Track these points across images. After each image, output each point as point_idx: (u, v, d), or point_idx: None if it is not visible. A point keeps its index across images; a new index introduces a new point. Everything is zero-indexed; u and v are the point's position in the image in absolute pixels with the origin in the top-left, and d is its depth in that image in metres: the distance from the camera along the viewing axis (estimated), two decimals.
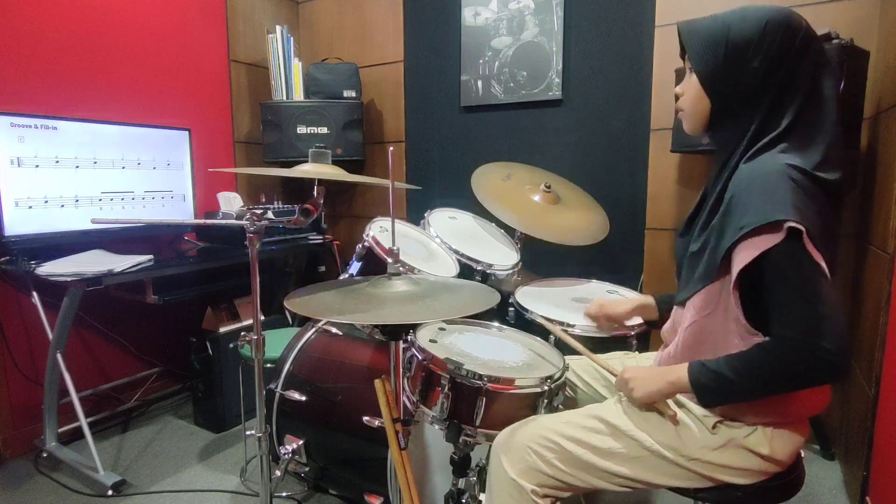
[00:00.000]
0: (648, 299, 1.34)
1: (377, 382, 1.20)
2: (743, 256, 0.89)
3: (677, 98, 1.10)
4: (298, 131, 2.75)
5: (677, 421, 1.03)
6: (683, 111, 1.09)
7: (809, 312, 0.86)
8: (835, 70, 1.00)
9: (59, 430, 2.11)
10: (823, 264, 0.87)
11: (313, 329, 1.87)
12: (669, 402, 1.06)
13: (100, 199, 2.18)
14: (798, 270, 0.87)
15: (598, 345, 1.57)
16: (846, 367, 0.86)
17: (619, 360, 1.33)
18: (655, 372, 1.05)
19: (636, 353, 1.40)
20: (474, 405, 1.14)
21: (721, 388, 0.95)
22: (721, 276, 0.96)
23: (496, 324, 1.48)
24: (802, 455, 1.09)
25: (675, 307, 1.14)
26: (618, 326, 1.46)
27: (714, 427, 1.00)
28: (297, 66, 2.82)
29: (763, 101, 0.97)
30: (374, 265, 1.72)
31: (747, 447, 0.99)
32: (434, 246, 1.95)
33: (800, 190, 0.89)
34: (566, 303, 1.80)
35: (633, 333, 1.58)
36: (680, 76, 2.04)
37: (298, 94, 2.83)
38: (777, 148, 0.95)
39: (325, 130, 2.77)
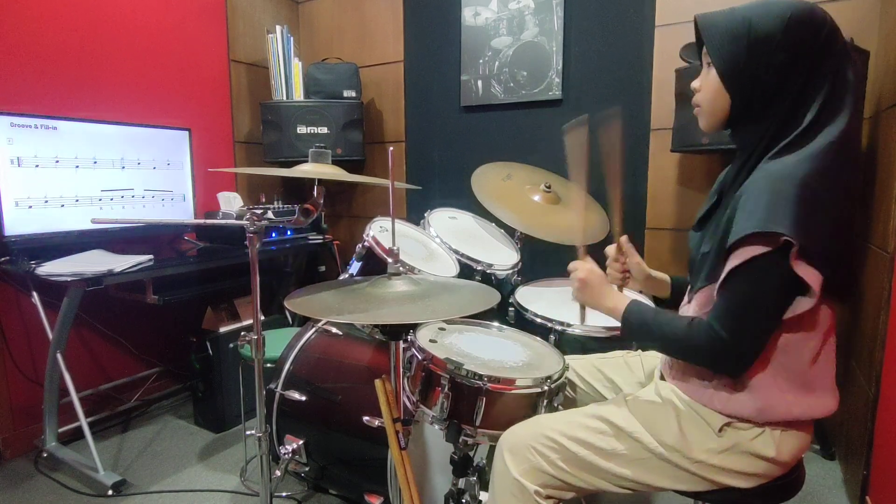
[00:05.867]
0: (665, 276, 1.31)
1: (377, 382, 1.20)
2: (734, 261, 0.90)
3: (694, 92, 1.06)
4: (298, 131, 2.75)
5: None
6: (700, 107, 1.05)
7: (746, 320, 0.91)
8: (855, 62, 0.97)
9: (59, 430, 2.11)
10: (807, 276, 0.86)
11: (313, 329, 1.87)
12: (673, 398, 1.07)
13: (100, 199, 2.18)
14: (763, 283, 0.89)
15: (599, 344, 1.57)
16: (740, 372, 0.96)
17: (621, 358, 1.33)
18: (601, 291, 1.15)
19: (638, 351, 1.39)
20: (474, 405, 1.14)
21: (640, 333, 1.07)
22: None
23: (496, 324, 1.48)
24: (803, 455, 1.08)
25: (683, 304, 1.14)
26: (624, 272, 1.35)
27: (721, 430, 1.00)
28: (297, 66, 2.82)
29: (785, 99, 0.95)
30: (374, 265, 1.72)
31: (753, 450, 0.99)
32: (434, 246, 1.95)
33: (811, 197, 0.86)
34: (566, 303, 1.80)
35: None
36: (680, 77, 2.05)
37: (298, 94, 2.82)
38: (800, 151, 0.91)
39: (325, 130, 2.77)
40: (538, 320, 1.65)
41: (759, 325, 0.92)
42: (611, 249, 1.34)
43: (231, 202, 2.57)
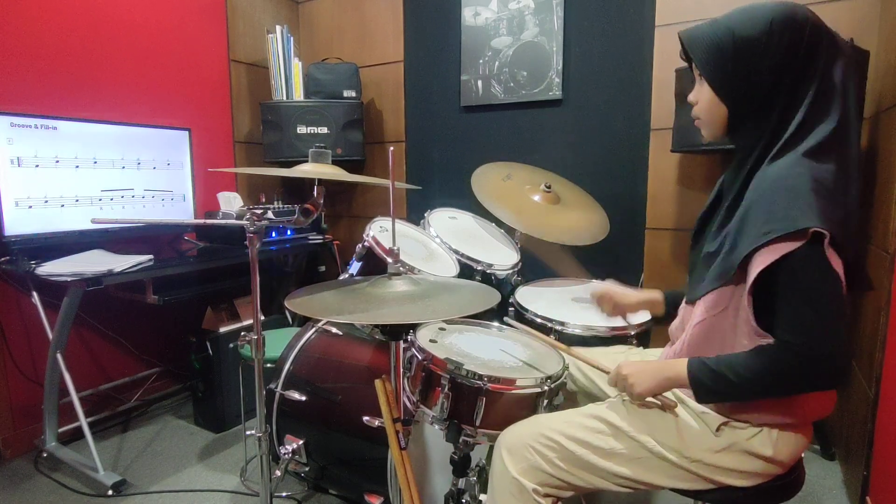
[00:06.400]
0: (657, 294, 1.32)
1: (377, 382, 1.20)
2: (762, 260, 0.88)
3: (691, 105, 1.08)
4: (298, 131, 2.75)
5: (676, 413, 1.03)
6: (700, 119, 1.07)
7: (814, 319, 0.86)
8: (850, 57, 0.97)
9: (59, 430, 2.11)
10: (840, 270, 0.87)
11: (313, 329, 1.87)
12: (671, 396, 1.06)
13: (100, 199, 2.18)
14: (811, 276, 0.87)
15: (599, 342, 1.57)
16: (844, 375, 0.88)
17: (622, 353, 1.33)
18: (653, 367, 1.04)
19: (640, 349, 1.39)
20: (474, 405, 1.14)
21: (719, 388, 0.95)
22: (736, 278, 0.95)
23: (496, 324, 1.48)
24: (802, 455, 1.08)
25: (683, 304, 1.13)
26: (619, 316, 1.38)
27: (718, 429, 1.00)
28: (297, 66, 2.82)
29: (779, 100, 0.96)
30: (374, 265, 1.72)
31: (750, 450, 0.99)
32: (434, 246, 1.95)
33: (824, 190, 0.87)
34: (566, 303, 1.80)
35: (632, 334, 1.59)
36: (680, 77, 2.05)
37: (298, 94, 2.82)
38: (801, 147, 0.92)
39: (325, 130, 2.77)
40: (538, 320, 1.65)
41: (833, 320, 0.86)
42: (592, 294, 1.36)
43: (231, 202, 2.57)
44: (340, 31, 3.12)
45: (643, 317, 1.66)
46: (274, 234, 2.52)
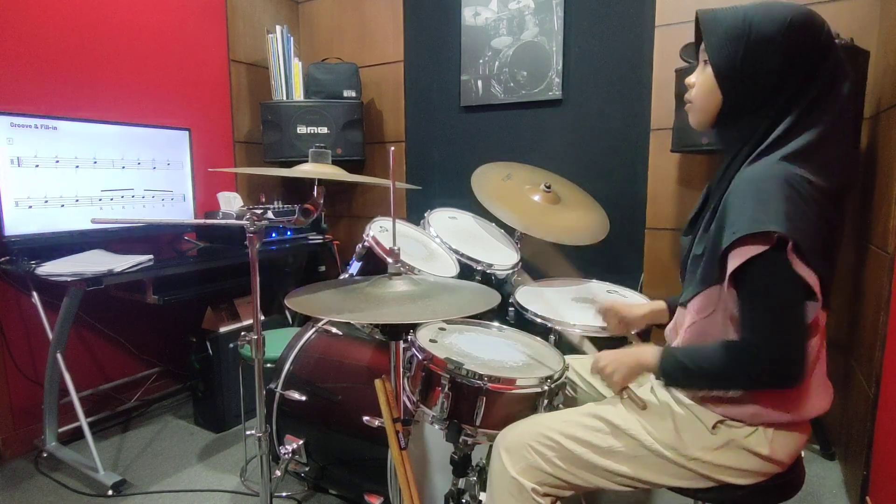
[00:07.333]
0: (660, 304, 1.32)
1: (377, 382, 1.20)
2: (733, 262, 0.90)
3: (687, 88, 1.06)
4: (298, 131, 2.75)
5: (645, 406, 1.07)
6: (692, 104, 1.06)
7: (774, 323, 0.89)
8: (849, 72, 0.97)
9: (59, 430, 2.11)
10: (806, 276, 0.87)
11: (313, 329, 1.87)
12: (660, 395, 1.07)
13: (100, 199, 2.18)
14: (774, 281, 0.88)
15: (599, 345, 1.56)
16: (798, 378, 0.90)
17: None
18: (626, 353, 1.09)
19: None
20: (474, 405, 1.14)
21: (683, 379, 1.01)
22: (719, 279, 0.96)
23: (496, 324, 1.48)
24: (802, 455, 1.08)
25: (678, 308, 1.13)
26: (625, 329, 1.40)
27: (714, 427, 1.00)
28: (297, 66, 2.82)
29: (776, 102, 0.95)
30: (375, 265, 1.72)
31: (747, 448, 0.99)
32: (434, 246, 1.96)
33: (796, 196, 0.87)
34: (566, 302, 1.80)
35: (633, 332, 1.58)
36: (680, 77, 2.05)
37: (298, 94, 2.82)
38: (780, 151, 0.93)
39: (325, 130, 2.77)
40: (538, 320, 1.65)
41: (790, 323, 0.89)
42: (598, 309, 1.38)
43: (231, 202, 2.57)
44: (340, 31, 3.12)
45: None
46: (274, 235, 2.53)
